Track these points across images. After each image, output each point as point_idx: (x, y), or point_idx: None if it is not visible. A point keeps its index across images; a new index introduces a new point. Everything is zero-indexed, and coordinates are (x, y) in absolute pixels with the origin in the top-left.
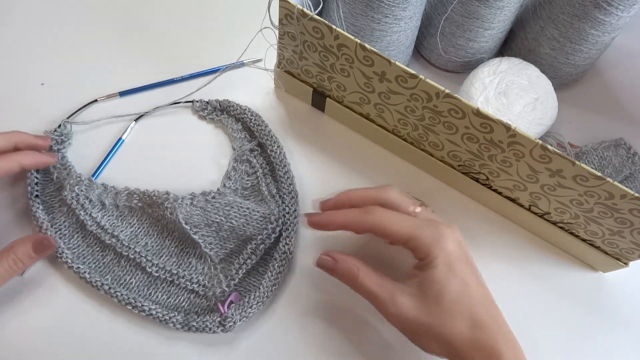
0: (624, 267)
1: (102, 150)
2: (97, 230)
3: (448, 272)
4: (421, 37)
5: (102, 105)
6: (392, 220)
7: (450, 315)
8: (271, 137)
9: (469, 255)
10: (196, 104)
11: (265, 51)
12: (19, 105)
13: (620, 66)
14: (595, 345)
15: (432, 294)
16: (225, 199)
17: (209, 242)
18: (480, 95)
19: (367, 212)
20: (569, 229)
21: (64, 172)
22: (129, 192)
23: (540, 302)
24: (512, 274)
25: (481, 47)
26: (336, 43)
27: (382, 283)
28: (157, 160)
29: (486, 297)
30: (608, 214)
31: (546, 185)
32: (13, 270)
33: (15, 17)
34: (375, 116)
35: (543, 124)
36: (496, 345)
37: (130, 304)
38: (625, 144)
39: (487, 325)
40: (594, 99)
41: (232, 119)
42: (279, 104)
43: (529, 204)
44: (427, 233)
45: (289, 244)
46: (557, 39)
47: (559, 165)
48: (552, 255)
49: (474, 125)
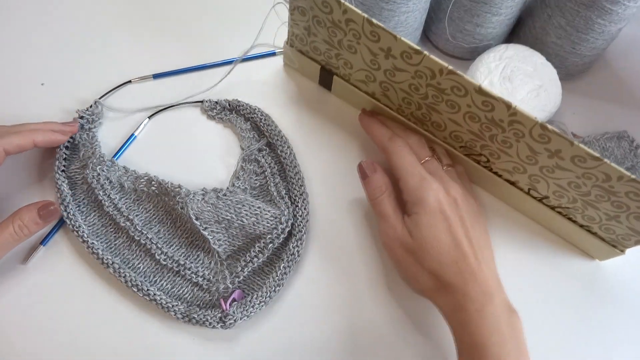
0: (621, 254)
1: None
2: (113, 211)
3: (427, 219)
4: (429, 21)
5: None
6: (400, 156)
7: (428, 257)
8: (281, 137)
9: (464, 214)
10: (205, 104)
11: (275, 31)
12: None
13: (627, 59)
14: (591, 334)
15: (416, 234)
16: (237, 196)
17: (217, 238)
18: (485, 79)
19: (391, 139)
20: (567, 214)
21: (90, 151)
22: (148, 177)
23: (537, 289)
24: (509, 261)
25: (489, 34)
26: (344, 18)
27: (395, 210)
28: (167, 157)
29: (469, 254)
30: (605, 197)
31: (545, 167)
32: (19, 237)
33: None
34: (380, 95)
35: (546, 110)
36: (463, 288)
37: (137, 286)
38: (628, 136)
39: (461, 273)
40: (599, 90)
41: (241, 118)
42: (287, 82)
43: (528, 187)
44: (413, 182)
45: (298, 247)
46: (564, 28)
47: (557, 146)
48: (549, 244)
49: (475, 103)
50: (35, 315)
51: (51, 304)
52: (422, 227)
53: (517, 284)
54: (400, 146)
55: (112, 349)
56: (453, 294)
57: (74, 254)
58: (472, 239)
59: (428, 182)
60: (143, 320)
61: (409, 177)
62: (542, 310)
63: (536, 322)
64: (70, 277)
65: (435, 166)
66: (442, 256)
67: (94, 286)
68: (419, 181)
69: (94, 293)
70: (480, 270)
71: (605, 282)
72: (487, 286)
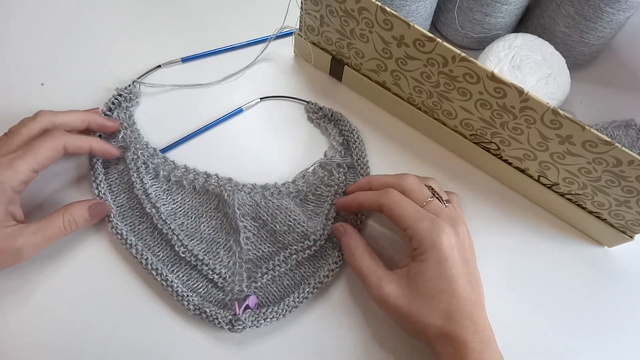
0: (630, 240)
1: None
2: (142, 195)
3: (436, 268)
4: (438, 11)
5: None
6: (401, 205)
7: (427, 308)
8: (365, 163)
9: (469, 255)
10: (310, 106)
11: (283, 20)
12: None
13: (634, 48)
14: (600, 320)
15: (416, 285)
16: (280, 201)
17: (247, 236)
18: (495, 68)
19: (382, 193)
20: (577, 201)
21: (131, 134)
22: (185, 169)
23: (545, 276)
24: (518, 249)
25: (497, 23)
26: (357, 7)
27: (374, 268)
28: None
29: (470, 300)
30: (615, 182)
31: (556, 153)
32: (66, 231)
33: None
34: (391, 84)
35: (555, 98)
36: (464, 338)
37: (156, 270)
38: (635, 125)
39: (461, 322)
40: (606, 80)
41: (337, 130)
42: (298, 73)
43: (538, 175)
44: (424, 225)
45: (329, 276)
46: (573, 17)
47: (569, 131)
48: (558, 230)
49: (487, 90)
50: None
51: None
52: (427, 277)
53: (526, 272)
54: (396, 195)
55: (112, 327)
56: (452, 343)
57: (98, 232)
58: (473, 283)
59: (440, 225)
60: (154, 309)
61: (418, 224)
62: (551, 297)
63: (545, 309)
64: (89, 261)
65: (438, 206)
66: (441, 306)
67: (108, 273)
68: (431, 225)
69: (108, 281)
70: (480, 316)
71: (614, 268)
72: (486, 334)
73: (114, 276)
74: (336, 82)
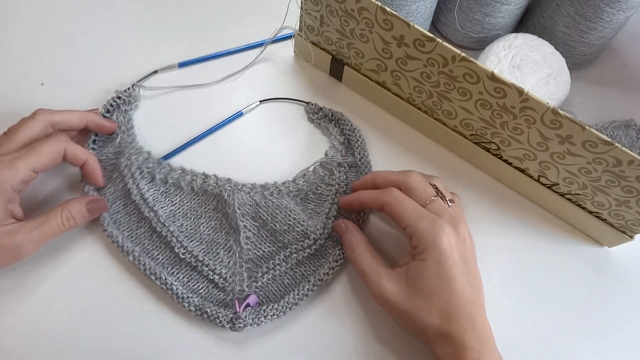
0: (630, 240)
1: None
2: (139, 200)
3: (435, 268)
4: (438, 11)
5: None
6: (402, 204)
7: (427, 307)
8: (367, 163)
9: (469, 255)
10: (310, 106)
11: (282, 21)
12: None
13: (634, 48)
14: (600, 320)
15: (415, 284)
16: (279, 200)
17: (247, 236)
18: (495, 68)
19: (384, 192)
20: (577, 201)
21: (128, 139)
22: (182, 170)
23: (546, 276)
24: (518, 249)
25: (497, 23)
26: (357, 7)
27: (374, 266)
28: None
29: (470, 300)
30: (615, 183)
31: (556, 153)
32: (64, 227)
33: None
34: (391, 84)
35: (555, 98)
36: (463, 338)
37: (155, 274)
38: (635, 125)
39: (460, 322)
40: (606, 80)
41: (338, 130)
42: (298, 73)
43: (538, 175)
44: (424, 224)
45: (329, 274)
46: (573, 17)
47: (569, 131)
48: (558, 230)
49: (487, 90)
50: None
51: (66, 287)
52: (426, 277)
53: (526, 272)
54: (397, 194)
55: (112, 328)
56: (451, 343)
57: (92, 239)
58: (473, 283)
59: (440, 225)
60: (154, 312)
61: (418, 222)
62: (551, 297)
63: (545, 309)
64: (89, 262)
65: (441, 205)
66: (440, 305)
67: (108, 273)
68: (430, 224)
69: (108, 282)
70: (479, 316)
71: (614, 268)
72: (485, 334)
73: (114, 276)
74: (336, 82)
